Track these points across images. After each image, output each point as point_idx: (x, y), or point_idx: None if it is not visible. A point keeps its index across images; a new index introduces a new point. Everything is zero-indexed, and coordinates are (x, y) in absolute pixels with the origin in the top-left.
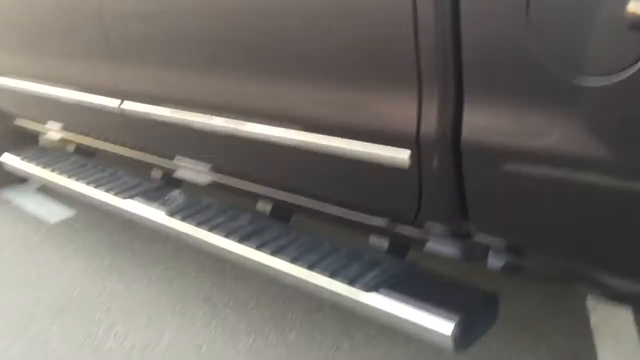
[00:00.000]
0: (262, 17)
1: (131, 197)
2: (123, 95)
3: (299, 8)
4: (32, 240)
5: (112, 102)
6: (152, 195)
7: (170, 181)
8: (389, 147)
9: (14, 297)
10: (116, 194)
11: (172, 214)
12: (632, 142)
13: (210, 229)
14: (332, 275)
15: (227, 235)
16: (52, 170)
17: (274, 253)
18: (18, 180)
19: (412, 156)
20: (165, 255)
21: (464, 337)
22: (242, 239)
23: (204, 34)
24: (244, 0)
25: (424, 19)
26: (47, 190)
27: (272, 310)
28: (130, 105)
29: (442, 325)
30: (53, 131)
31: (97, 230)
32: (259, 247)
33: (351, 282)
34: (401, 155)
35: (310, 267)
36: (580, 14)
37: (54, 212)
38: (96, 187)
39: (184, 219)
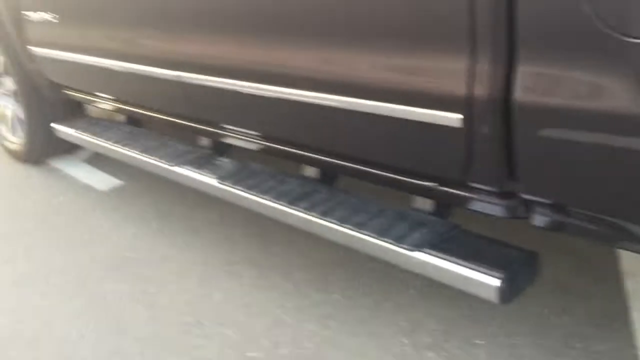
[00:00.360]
0: None
1: (182, 164)
2: (179, 66)
3: None
4: (84, 206)
5: (169, 73)
6: (203, 162)
7: (219, 148)
8: (443, 111)
9: (70, 256)
10: (168, 162)
11: (223, 179)
12: None
13: (261, 193)
14: (380, 234)
15: (277, 198)
16: (104, 139)
17: (324, 214)
18: (66, 151)
19: (463, 118)
20: (210, 221)
21: (508, 290)
22: (292, 202)
23: (260, 5)
24: None
25: None
26: (94, 160)
27: (316, 273)
28: (186, 75)
29: (488, 279)
30: (102, 102)
31: (145, 198)
32: (308, 209)
33: (398, 240)
34: (453, 116)
35: (359, 226)
36: None
37: (103, 181)
38: (148, 154)
39: (234, 184)
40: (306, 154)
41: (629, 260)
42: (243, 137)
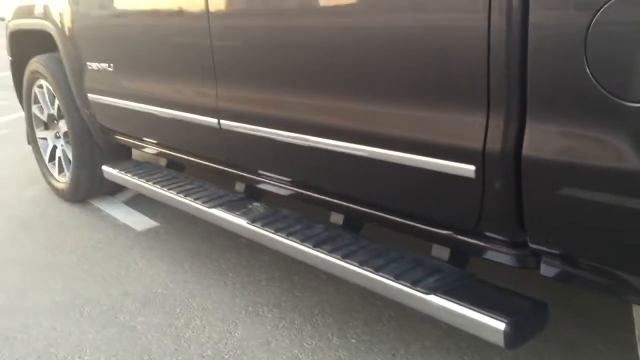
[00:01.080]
0: (353, 48)
1: (217, 206)
2: (221, 114)
3: (391, 42)
4: (121, 244)
5: (210, 120)
6: (236, 205)
7: (253, 193)
8: (458, 162)
9: (105, 289)
10: (204, 203)
11: (253, 221)
12: None
13: (287, 235)
14: (397, 277)
15: (303, 240)
16: (147, 181)
17: (345, 257)
18: (108, 192)
19: (477, 170)
20: (238, 264)
21: (514, 335)
22: (316, 244)
23: (298, 64)
24: (340, 36)
25: (496, 51)
26: (133, 202)
27: (336, 318)
28: (227, 123)
29: (495, 323)
30: (147, 146)
31: (178, 239)
32: (330, 252)
33: (413, 283)
34: (468, 167)
35: (377, 269)
36: (631, 46)
37: (140, 222)
38: (186, 196)
39: (263, 225)
40: (331, 200)
41: None
42: (273, 182)
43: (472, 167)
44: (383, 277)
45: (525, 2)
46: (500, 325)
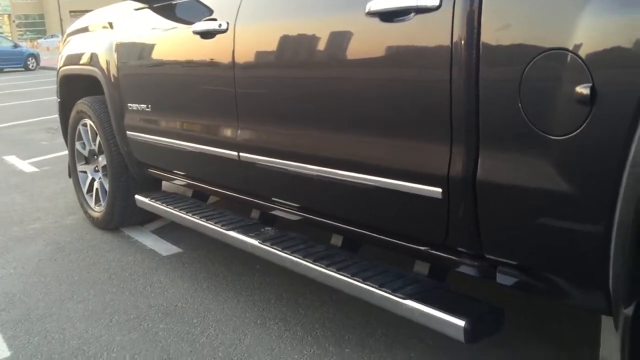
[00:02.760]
0: (349, 96)
1: (234, 229)
2: (240, 148)
3: (379, 91)
4: (148, 265)
5: (231, 153)
6: (251, 229)
7: (266, 219)
8: (430, 186)
9: (133, 302)
10: (222, 226)
11: (264, 241)
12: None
13: (292, 252)
14: (380, 286)
15: (304, 256)
16: (174, 208)
17: (339, 270)
18: (138, 222)
19: (443, 192)
20: (252, 285)
21: (472, 331)
22: (316, 260)
23: (302, 108)
24: (339, 86)
25: (456, 98)
26: (160, 231)
27: (334, 332)
28: (245, 156)
29: (457, 321)
30: (177, 178)
31: (199, 263)
32: (327, 266)
33: (394, 290)
34: (437, 190)
35: (365, 279)
36: (551, 93)
37: (165, 248)
38: (207, 221)
39: (272, 245)
40: (328, 221)
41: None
42: (281, 207)
43: (440, 189)
44: (369, 285)
45: (477, 60)
46: (460, 323)
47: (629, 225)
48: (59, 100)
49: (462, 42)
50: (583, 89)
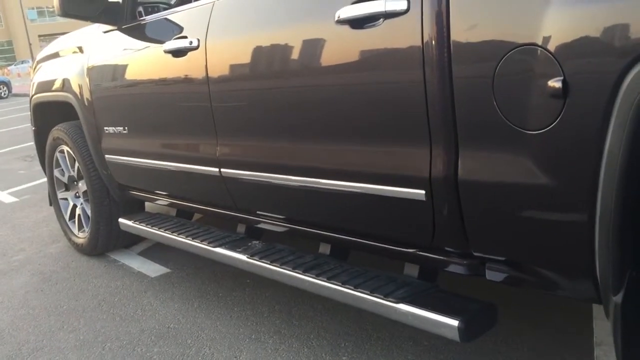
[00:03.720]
0: (325, 103)
1: (221, 245)
2: (221, 164)
3: (356, 96)
4: (137, 288)
5: (212, 170)
6: (238, 244)
7: (252, 233)
8: (413, 189)
9: (124, 327)
10: (209, 244)
11: (252, 255)
12: (560, 170)
13: (281, 264)
14: (372, 291)
15: (294, 268)
16: (159, 229)
17: (329, 279)
18: (124, 245)
19: (426, 193)
20: (243, 300)
21: (466, 330)
22: (305, 270)
23: (279, 120)
24: (314, 94)
25: (432, 98)
26: (146, 253)
27: (329, 340)
28: (226, 171)
29: (450, 321)
30: (159, 198)
31: (188, 282)
32: (317, 276)
33: (386, 295)
34: (420, 192)
35: (356, 286)
36: (523, 88)
37: (153, 269)
38: (194, 239)
39: (261, 258)
40: (315, 231)
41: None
42: (266, 220)
43: (423, 191)
44: (361, 292)
45: (449, 61)
46: (454, 322)
47: (610, 213)
48: (33, 128)
49: (433, 43)
50: (555, 83)
